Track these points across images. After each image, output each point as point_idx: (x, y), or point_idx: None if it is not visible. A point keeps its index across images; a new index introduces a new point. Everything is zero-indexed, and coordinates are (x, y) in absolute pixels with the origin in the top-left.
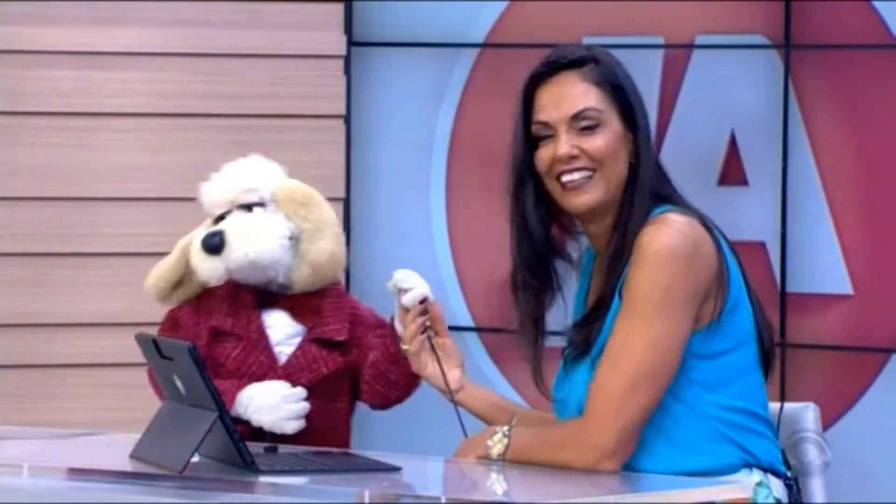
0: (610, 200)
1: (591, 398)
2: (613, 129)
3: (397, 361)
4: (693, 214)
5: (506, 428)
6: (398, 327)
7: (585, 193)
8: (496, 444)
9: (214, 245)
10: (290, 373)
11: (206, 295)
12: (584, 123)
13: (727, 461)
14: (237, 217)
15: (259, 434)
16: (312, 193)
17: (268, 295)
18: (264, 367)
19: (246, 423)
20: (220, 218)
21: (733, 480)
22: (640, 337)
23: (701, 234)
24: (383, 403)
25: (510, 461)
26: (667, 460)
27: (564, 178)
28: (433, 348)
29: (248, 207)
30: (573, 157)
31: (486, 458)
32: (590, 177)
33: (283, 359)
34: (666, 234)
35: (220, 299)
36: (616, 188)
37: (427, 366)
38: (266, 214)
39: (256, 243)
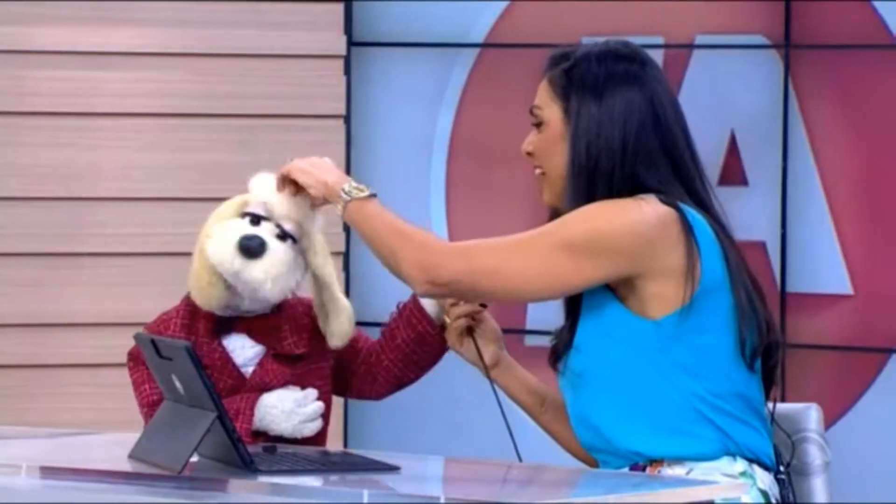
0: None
1: (469, 242)
2: (552, 126)
3: (424, 340)
4: (672, 205)
5: (354, 188)
6: (428, 306)
7: (542, 191)
8: (345, 194)
9: (254, 249)
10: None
11: (161, 331)
12: (533, 122)
13: (709, 447)
14: (279, 247)
15: (277, 438)
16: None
17: (224, 321)
18: (232, 387)
19: (264, 434)
20: (255, 219)
21: (718, 468)
22: (546, 254)
23: (668, 214)
24: (395, 388)
25: (348, 217)
26: (649, 441)
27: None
28: (469, 325)
29: (283, 236)
30: (528, 154)
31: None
32: (542, 174)
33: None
34: (630, 202)
35: (175, 333)
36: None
37: (463, 342)
38: (293, 254)
39: (280, 280)
